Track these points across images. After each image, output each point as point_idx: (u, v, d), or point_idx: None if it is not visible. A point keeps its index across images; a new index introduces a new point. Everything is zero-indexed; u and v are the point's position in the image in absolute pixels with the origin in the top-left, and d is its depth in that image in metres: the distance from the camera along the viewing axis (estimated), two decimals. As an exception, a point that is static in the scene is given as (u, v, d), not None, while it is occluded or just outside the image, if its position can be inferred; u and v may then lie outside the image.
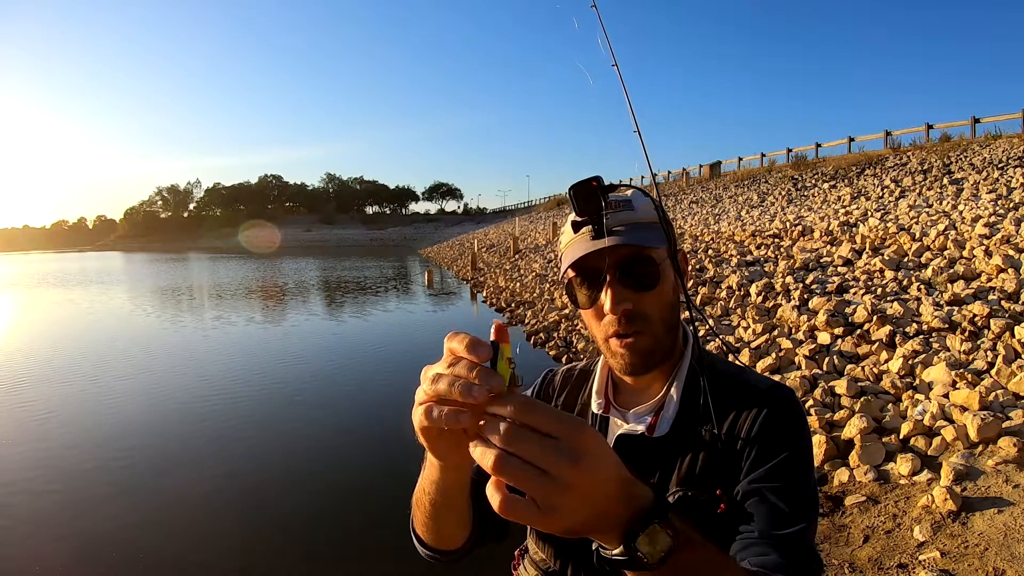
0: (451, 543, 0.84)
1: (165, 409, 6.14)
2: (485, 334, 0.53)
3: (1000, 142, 13.70)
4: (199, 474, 4.50)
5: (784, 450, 0.81)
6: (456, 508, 0.78)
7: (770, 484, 0.79)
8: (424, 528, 0.82)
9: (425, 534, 0.83)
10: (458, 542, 0.84)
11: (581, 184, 0.83)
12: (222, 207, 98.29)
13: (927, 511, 2.67)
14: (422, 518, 0.80)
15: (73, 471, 4.57)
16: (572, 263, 0.86)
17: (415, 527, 0.85)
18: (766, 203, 14.91)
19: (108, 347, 9.98)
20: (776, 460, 0.80)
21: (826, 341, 4.93)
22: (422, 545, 0.86)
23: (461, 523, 0.82)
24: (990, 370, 3.76)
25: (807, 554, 0.76)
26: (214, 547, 3.45)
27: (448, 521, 0.80)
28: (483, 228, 42.78)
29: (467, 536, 0.84)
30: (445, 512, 0.78)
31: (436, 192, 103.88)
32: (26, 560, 3.33)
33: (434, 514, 0.78)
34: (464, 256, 24.25)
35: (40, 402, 6.47)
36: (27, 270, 36.90)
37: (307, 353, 8.92)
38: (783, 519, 0.76)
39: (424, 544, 0.85)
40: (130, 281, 24.71)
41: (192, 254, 52.69)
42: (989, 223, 7.04)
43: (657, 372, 0.92)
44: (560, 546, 0.95)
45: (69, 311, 15.43)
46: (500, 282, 14.76)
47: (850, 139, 19.97)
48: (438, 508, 0.76)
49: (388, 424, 5.47)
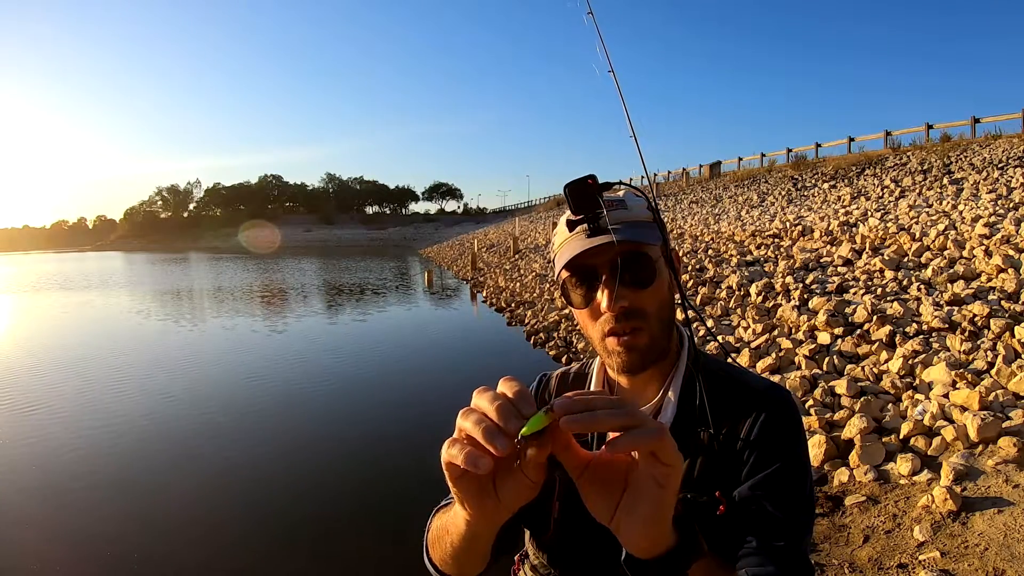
0: (470, 572, 0.82)
1: (165, 409, 6.13)
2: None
3: (1000, 142, 13.70)
4: (199, 474, 4.50)
5: (782, 456, 0.81)
6: (482, 549, 0.75)
7: (768, 492, 0.80)
8: (443, 563, 0.81)
9: (444, 567, 0.81)
10: (479, 570, 0.83)
11: (576, 182, 0.83)
12: (222, 207, 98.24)
13: (927, 511, 2.67)
14: (441, 555, 0.79)
15: (73, 471, 4.57)
16: (567, 263, 0.86)
17: (432, 559, 0.83)
18: (766, 203, 14.90)
19: (108, 347, 9.99)
20: (773, 468, 0.81)
21: (826, 341, 4.93)
22: (439, 572, 0.84)
23: (484, 557, 0.80)
24: (990, 370, 3.75)
25: (802, 565, 0.78)
26: (214, 547, 3.45)
27: (472, 559, 0.78)
28: (483, 228, 42.79)
29: (486, 563, 0.83)
30: (469, 555, 0.76)
31: (436, 192, 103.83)
32: (26, 560, 3.33)
33: (456, 555, 0.76)
34: (464, 256, 24.26)
35: (40, 402, 6.47)
36: (27, 271, 36.90)
37: (306, 353, 8.91)
38: (780, 529, 0.78)
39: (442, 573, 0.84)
40: (131, 283, 24.72)
41: (192, 254, 52.69)
42: (989, 223, 7.03)
43: (654, 374, 0.91)
44: (558, 552, 0.95)
45: (70, 312, 15.44)
46: (500, 282, 14.76)
47: (850, 139, 19.98)
48: (459, 552, 0.74)
49: (387, 424, 5.48)
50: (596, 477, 0.56)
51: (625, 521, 0.56)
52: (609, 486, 0.56)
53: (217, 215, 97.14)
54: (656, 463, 0.54)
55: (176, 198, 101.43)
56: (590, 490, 0.57)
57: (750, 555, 0.76)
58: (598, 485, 0.56)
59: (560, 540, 0.94)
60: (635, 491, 0.55)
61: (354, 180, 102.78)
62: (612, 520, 0.57)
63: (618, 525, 0.56)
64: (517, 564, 1.07)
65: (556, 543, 0.95)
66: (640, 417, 0.53)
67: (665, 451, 0.53)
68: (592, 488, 0.57)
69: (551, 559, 0.96)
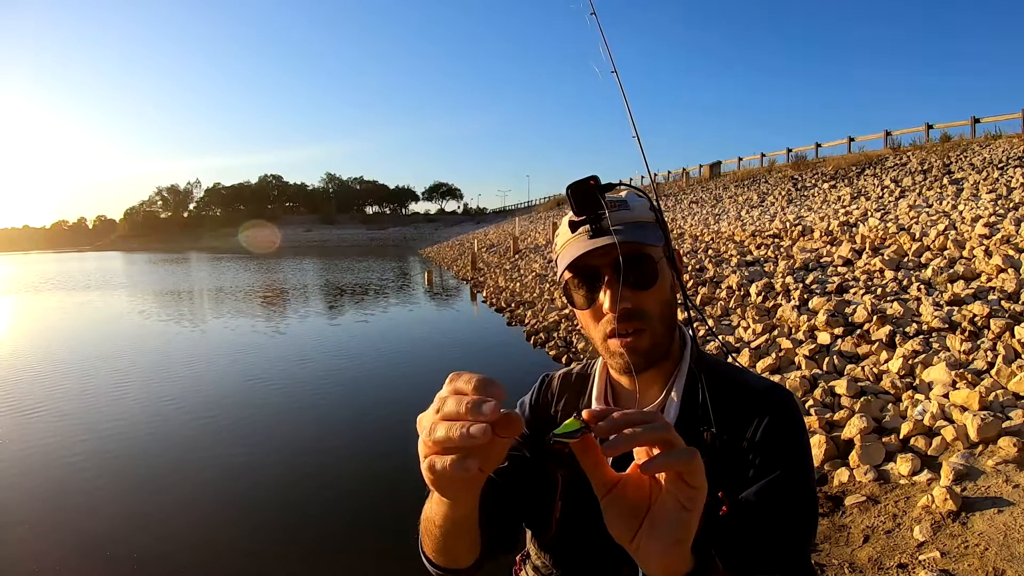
0: (464, 562, 0.84)
1: (165, 409, 6.13)
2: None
3: (1000, 142, 13.69)
4: (199, 474, 4.50)
5: (785, 462, 0.82)
6: (468, 534, 0.78)
7: (771, 499, 0.80)
8: (435, 553, 0.82)
9: (436, 557, 0.83)
10: (471, 559, 0.84)
11: (579, 183, 0.83)
12: (222, 207, 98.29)
13: (927, 511, 2.67)
14: (432, 544, 0.80)
15: (73, 472, 4.57)
16: (569, 264, 0.86)
17: (425, 551, 0.84)
18: (766, 203, 14.90)
19: (108, 348, 9.99)
20: (777, 474, 0.81)
21: (826, 341, 4.93)
22: (434, 566, 0.85)
23: (473, 544, 0.81)
24: (990, 370, 3.75)
25: (805, 572, 0.79)
26: (214, 548, 3.45)
27: (460, 545, 0.80)
28: (483, 228, 42.78)
29: (479, 552, 0.84)
30: (455, 539, 0.78)
31: (436, 192, 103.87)
32: (27, 560, 3.33)
33: (445, 542, 0.77)
34: (464, 256, 24.25)
35: (40, 403, 6.46)
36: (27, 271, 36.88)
37: (305, 354, 8.90)
38: (784, 536, 0.78)
39: (436, 565, 0.85)
40: (132, 284, 24.72)
41: (192, 254, 52.68)
42: (989, 223, 7.03)
43: (656, 375, 0.91)
44: (559, 553, 0.95)
45: (70, 312, 15.43)
46: (500, 282, 14.76)
47: (850, 139, 19.96)
48: (448, 537, 0.76)
49: (386, 423, 5.47)
50: (621, 497, 0.56)
51: (646, 543, 0.55)
52: (633, 507, 0.55)
53: (217, 215, 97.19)
54: (684, 486, 0.53)
55: (176, 198, 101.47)
56: (614, 511, 0.56)
57: (754, 562, 0.77)
58: (622, 506, 0.56)
59: (562, 540, 0.94)
60: (659, 513, 0.54)
61: (354, 180, 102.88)
62: (632, 541, 0.55)
63: (638, 547, 0.55)
64: (518, 564, 1.07)
65: (559, 544, 0.95)
66: (675, 436, 0.53)
67: (694, 473, 0.53)
68: (616, 509, 0.56)
69: (555, 560, 0.96)
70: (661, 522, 0.54)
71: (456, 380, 0.51)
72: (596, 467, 0.55)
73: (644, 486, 0.56)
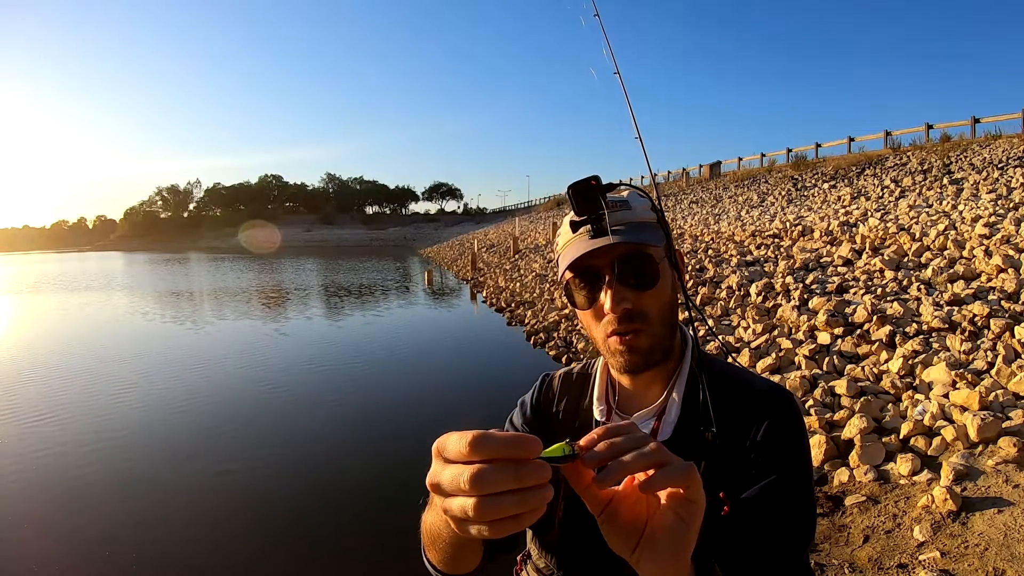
0: (470, 567, 0.85)
1: (166, 410, 6.13)
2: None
3: (1000, 142, 13.68)
4: (199, 475, 4.50)
5: (785, 465, 0.82)
6: (474, 543, 0.79)
7: (770, 502, 0.80)
8: (442, 564, 0.83)
9: (443, 567, 0.83)
10: (475, 563, 0.85)
11: (580, 183, 0.83)
12: (222, 207, 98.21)
13: (927, 511, 2.67)
14: (439, 556, 0.80)
15: (74, 472, 4.57)
16: (570, 264, 0.86)
17: (431, 560, 0.85)
18: (766, 203, 14.90)
19: (109, 348, 9.99)
20: (776, 477, 0.81)
21: (826, 341, 4.93)
22: (440, 573, 0.86)
23: (478, 551, 0.83)
24: (990, 370, 3.76)
25: (803, 573, 0.80)
26: (215, 548, 3.45)
27: (467, 554, 0.81)
28: (483, 228, 42.77)
29: (481, 557, 0.85)
30: (463, 550, 0.79)
31: (436, 192, 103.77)
32: (27, 560, 3.33)
33: (453, 553, 0.78)
34: (464, 256, 24.25)
35: (40, 403, 6.46)
36: (27, 271, 36.88)
37: (305, 354, 8.91)
38: (782, 539, 0.79)
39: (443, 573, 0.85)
40: (132, 284, 24.72)
41: (192, 254, 52.67)
42: (989, 223, 7.03)
43: (657, 375, 0.91)
44: (561, 554, 0.95)
45: (70, 312, 15.43)
46: (500, 282, 14.76)
47: (850, 139, 19.96)
48: (456, 550, 0.77)
49: (386, 424, 5.48)
50: (617, 513, 0.56)
51: (646, 556, 0.55)
52: (630, 521, 0.56)
53: (217, 215, 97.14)
54: (682, 499, 0.53)
55: (176, 198, 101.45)
56: (611, 527, 0.56)
57: (751, 565, 0.77)
58: (619, 522, 0.56)
59: (565, 541, 0.94)
60: (658, 527, 0.54)
61: (354, 180, 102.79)
62: (633, 555, 0.55)
63: (638, 560, 0.55)
64: (519, 565, 1.07)
65: (562, 544, 0.95)
66: (667, 454, 0.53)
67: (692, 488, 0.53)
68: (613, 526, 0.56)
69: (558, 561, 0.96)
70: (660, 536, 0.54)
71: (483, 445, 0.45)
72: (588, 489, 0.55)
73: (640, 500, 0.56)
